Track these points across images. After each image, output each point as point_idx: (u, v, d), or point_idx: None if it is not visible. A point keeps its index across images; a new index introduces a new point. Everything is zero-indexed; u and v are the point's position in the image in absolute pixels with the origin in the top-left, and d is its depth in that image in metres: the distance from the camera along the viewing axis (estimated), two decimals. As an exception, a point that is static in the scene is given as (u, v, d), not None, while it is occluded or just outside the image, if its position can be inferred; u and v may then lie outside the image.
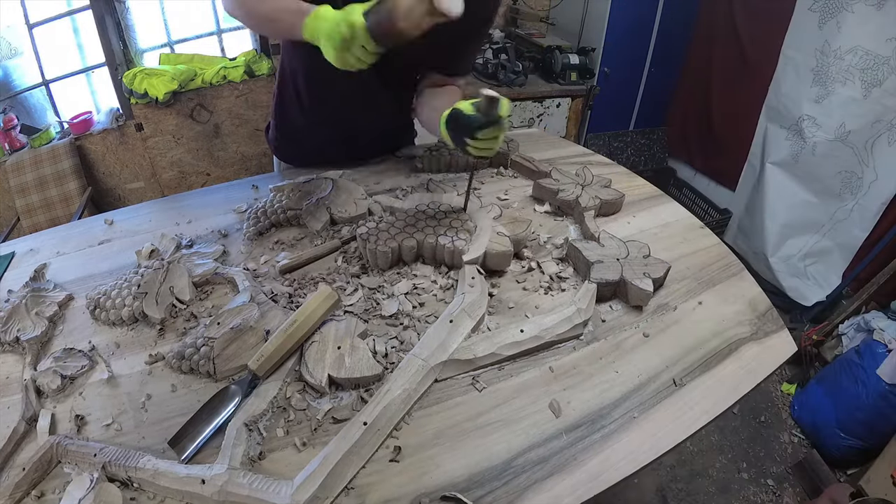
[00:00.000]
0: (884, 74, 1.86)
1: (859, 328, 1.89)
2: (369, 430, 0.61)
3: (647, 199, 1.16)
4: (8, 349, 0.77)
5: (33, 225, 2.38)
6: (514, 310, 0.82)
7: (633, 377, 0.73)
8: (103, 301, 0.82)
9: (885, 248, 1.95)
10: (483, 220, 0.94)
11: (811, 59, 2.10)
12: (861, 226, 2.07)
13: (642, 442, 0.64)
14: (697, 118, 2.87)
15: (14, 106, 2.39)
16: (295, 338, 0.70)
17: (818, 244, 2.27)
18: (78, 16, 2.38)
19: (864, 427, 1.65)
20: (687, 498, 1.67)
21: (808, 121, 2.15)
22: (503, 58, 2.36)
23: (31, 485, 0.58)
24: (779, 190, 2.34)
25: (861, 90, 1.95)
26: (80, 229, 1.08)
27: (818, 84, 2.10)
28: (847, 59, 1.97)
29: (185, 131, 2.59)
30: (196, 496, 0.56)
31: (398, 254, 0.89)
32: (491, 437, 0.64)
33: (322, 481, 0.55)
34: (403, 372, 0.68)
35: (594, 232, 0.95)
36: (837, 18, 1.98)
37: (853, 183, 2.06)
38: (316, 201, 1.04)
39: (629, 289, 0.83)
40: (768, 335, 0.82)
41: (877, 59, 1.88)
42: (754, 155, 2.49)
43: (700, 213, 2.82)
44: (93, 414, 0.67)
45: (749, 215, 2.54)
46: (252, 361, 0.67)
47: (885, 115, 1.90)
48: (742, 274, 0.95)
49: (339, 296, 0.75)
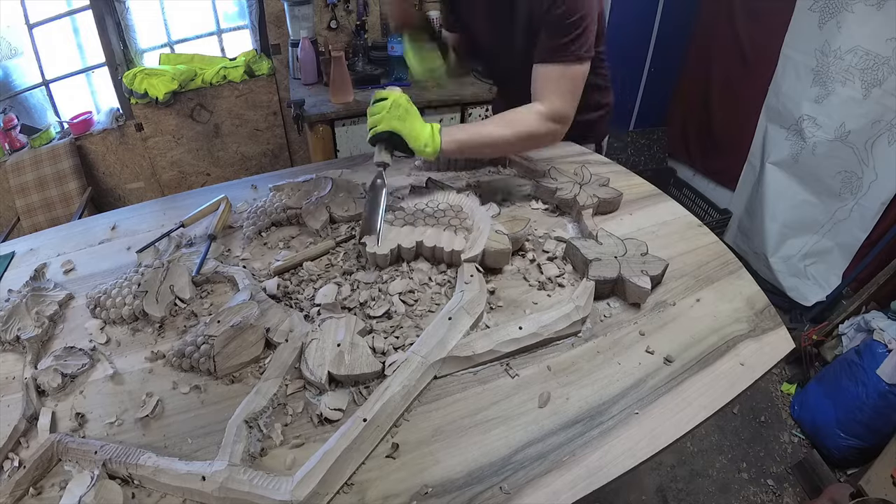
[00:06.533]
0: (884, 74, 1.87)
1: (859, 328, 1.89)
2: (369, 427, 0.61)
3: (645, 198, 1.16)
4: (8, 348, 0.78)
5: (33, 225, 2.39)
6: (513, 307, 0.83)
7: (631, 374, 0.73)
8: (104, 300, 0.82)
9: (885, 248, 1.95)
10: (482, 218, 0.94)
11: (811, 59, 2.10)
12: (861, 226, 2.07)
13: (641, 438, 0.64)
14: (697, 118, 2.87)
15: (14, 106, 2.40)
16: None
17: (818, 244, 2.27)
18: (78, 16, 2.39)
19: (864, 427, 1.65)
20: (687, 498, 1.67)
21: (808, 121, 2.15)
22: (503, 58, 2.36)
23: (32, 482, 0.58)
24: (779, 190, 2.34)
25: (861, 90, 1.95)
26: (80, 229, 1.08)
27: (818, 84, 2.10)
28: (847, 59, 1.97)
29: (185, 131, 2.60)
30: (196, 493, 0.56)
31: (397, 253, 0.90)
32: (490, 434, 0.64)
33: (322, 477, 0.56)
34: (403, 369, 0.68)
35: (592, 230, 0.96)
36: (837, 18, 1.98)
37: (853, 183, 2.06)
38: (315, 200, 1.04)
39: (627, 286, 0.83)
40: (766, 332, 0.82)
41: (877, 59, 1.88)
42: (754, 155, 2.49)
43: (700, 213, 2.82)
44: (93, 412, 0.67)
45: (749, 215, 2.54)
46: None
47: (885, 115, 1.89)
48: (740, 272, 0.95)
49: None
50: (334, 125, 2.08)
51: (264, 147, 2.83)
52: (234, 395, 0.68)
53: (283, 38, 2.49)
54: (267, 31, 2.52)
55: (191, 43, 2.67)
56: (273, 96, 2.69)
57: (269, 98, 2.69)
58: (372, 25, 2.53)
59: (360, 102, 2.09)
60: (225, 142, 2.72)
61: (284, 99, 2.70)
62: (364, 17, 2.47)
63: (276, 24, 2.48)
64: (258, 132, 2.77)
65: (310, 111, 2.02)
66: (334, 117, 2.06)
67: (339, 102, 2.07)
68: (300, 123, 2.07)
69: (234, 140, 2.73)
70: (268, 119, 2.75)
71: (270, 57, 2.63)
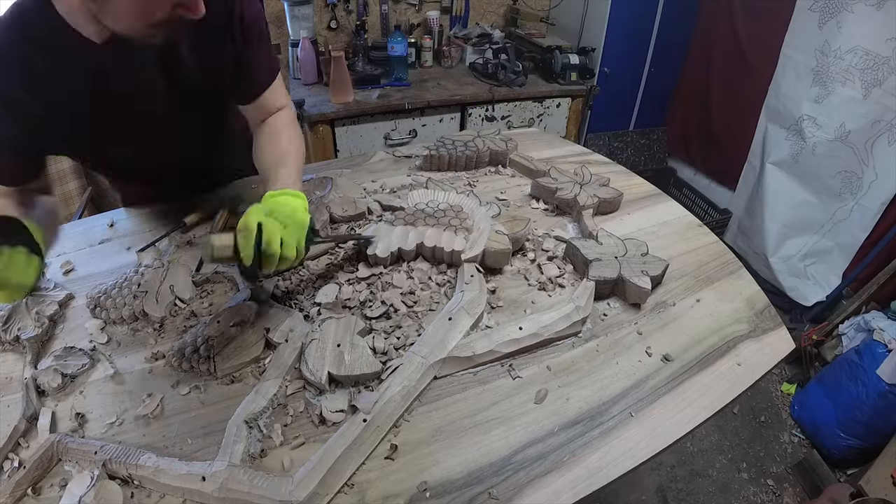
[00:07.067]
0: (884, 74, 1.87)
1: (859, 328, 1.89)
2: (369, 427, 0.61)
3: (646, 198, 1.16)
4: (8, 348, 0.78)
5: (34, 225, 2.39)
6: (513, 307, 0.83)
7: (631, 374, 0.73)
8: (104, 300, 0.82)
9: (885, 248, 1.95)
10: (482, 218, 0.94)
11: (811, 59, 2.10)
12: (861, 226, 2.07)
13: (641, 438, 0.64)
14: (697, 118, 2.87)
15: (15, 106, 2.40)
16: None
17: (818, 244, 2.27)
18: (79, 16, 2.38)
19: (864, 427, 1.65)
20: (687, 498, 1.67)
21: (808, 121, 2.15)
22: (503, 58, 2.36)
23: (32, 482, 0.58)
24: (779, 190, 2.34)
25: (861, 90, 1.95)
26: (80, 229, 1.08)
27: (818, 84, 2.10)
28: (847, 59, 1.97)
29: (185, 131, 2.59)
30: (196, 493, 0.56)
31: (398, 253, 0.90)
32: (490, 434, 0.64)
33: (322, 478, 0.56)
34: (403, 369, 0.68)
35: (592, 230, 0.96)
36: (837, 18, 1.98)
37: (853, 183, 2.06)
38: (315, 200, 1.04)
39: (627, 286, 0.83)
40: (766, 332, 0.82)
41: (877, 59, 1.88)
42: (754, 155, 2.49)
43: (700, 213, 2.82)
44: (93, 412, 0.67)
45: (749, 215, 2.54)
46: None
47: (885, 115, 1.90)
48: (740, 272, 0.95)
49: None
50: (334, 125, 2.08)
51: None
52: (234, 395, 0.68)
53: (283, 38, 2.49)
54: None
55: (191, 43, 2.66)
56: (273, 96, 2.69)
57: (269, 98, 2.69)
58: (372, 25, 2.53)
59: (360, 102, 2.09)
60: (225, 142, 2.71)
61: (284, 99, 2.70)
62: (364, 17, 2.47)
63: (276, 24, 2.48)
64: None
65: (310, 111, 2.02)
66: (334, 117, 2.06)
67: (339, 102, 2.07)
68: (300, 123, 2.07)
69: (234, 140, 2.73)
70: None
71: (270, 57, 2.62)
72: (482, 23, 2.71)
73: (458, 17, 2.66)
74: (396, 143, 2.19)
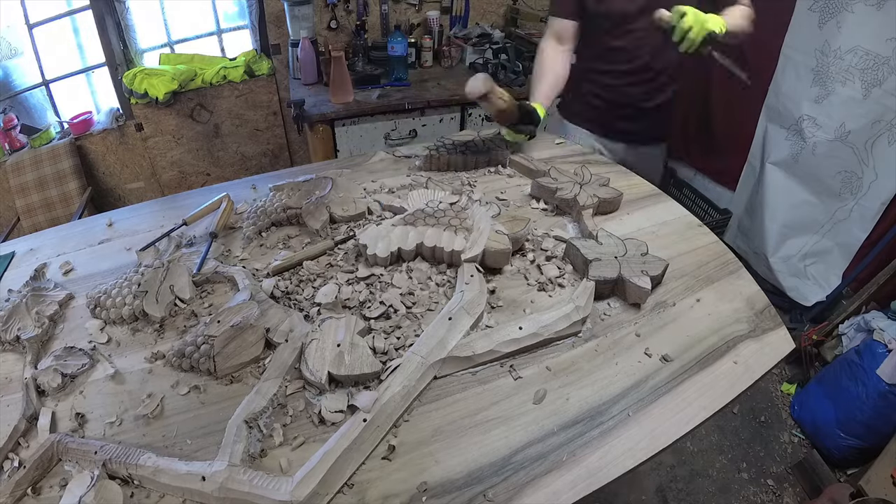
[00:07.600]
0: (884, 74, 1.86)
1: (859, 328, 1.88)
2: (368, 427, 0.61)
3: (645, 198, 1.16)
4: (8, 348, 0.78)
5: (33, 225, 2.39)
6: (513, 307, 0.83)
7: (631, 374, 0.73)
8: (104, 300, 0.82)
9: (885, 248, 1.95)
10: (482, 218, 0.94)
11: (811, 59, 2.10)
12: (861, 226, 2.06)
13: (641, 438, 0.64)
14: (697, 118, 2.87)
15: (14, 106, 2.40)
16: None
17: (818, 244, 2.27)
18: (78, 16, 2.38)
19: (864, 427, 1.65)
20: (687, 498, 1.67)
21: (808, 121, 2.15)
22: (503, 58, 2.36)
23: (32, 482, 0.58)
24: (779, 190, 2.34)
25: (861, 90, 1.94)
26: (80, 229, 1.08)
27: (818, 84, 2.10)
28: (847, 59, 1.97)
29: (185, 131, 2.60)
30: (196, 493, 0.56)
31: (398, 253, 0.90)
32: (490, 434, 0.64)
33: (322, 478, 0.56)
34: (403, 369, 0.68)
35: (592, 230, 0.96)
36: (837, 18, 1.98)
37: (853, 183, 2.06)
38: (315, 200, 1.04)
39: (627, 286, 0.83)
40: (766, 332, 0.82)
41: (877, 59, 1.88)
42: (754, 155, 2.49)
43: (700, 213, 2.82)
44: (93, 412, 0.67)
45: (749, 215, 2.54)
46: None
47: (885, 115, 1.89)
48: (740, 272, 0.95)
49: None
50: (334, 125, 2.09)
51: (264, 147, 2.83)
52: (234, 395, 0.68)
53: (283, 38, 2.49)
54: (267, 31, 2.52)
55: (191, 43, 2.66)
56: (273, 96, 2.69)
57: (269, 98, 2.69)
58: (372, 25, 2.54)
59: (360, 102, 2.09)
60: (225, 142, 2.72)
61: (284, 99, 2.70)
62: (364, 17, 2.48)
63: (276, 24, 2.48)
64: (258, 132, 2.77)
65: (310, 111, 2.02)
66: (334, 117, 2.06)
67: (339, 102, 2.07)
68: (300, 123, 2.08)
69: (234, 140, 2.73)
70: (268, 119, 2.75)
71: (270, 57, 2.62)
72: (482, 23, 2.71)
73: (458, 17, 2.66)
74: (396, 142, 2.19)
